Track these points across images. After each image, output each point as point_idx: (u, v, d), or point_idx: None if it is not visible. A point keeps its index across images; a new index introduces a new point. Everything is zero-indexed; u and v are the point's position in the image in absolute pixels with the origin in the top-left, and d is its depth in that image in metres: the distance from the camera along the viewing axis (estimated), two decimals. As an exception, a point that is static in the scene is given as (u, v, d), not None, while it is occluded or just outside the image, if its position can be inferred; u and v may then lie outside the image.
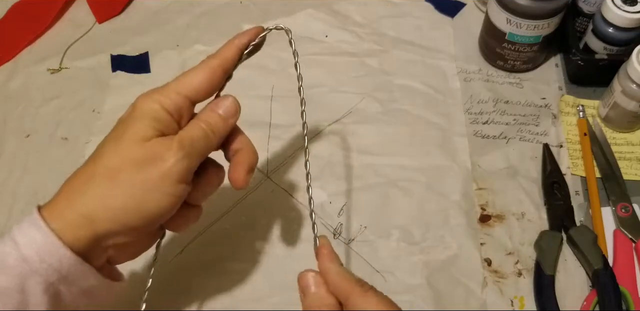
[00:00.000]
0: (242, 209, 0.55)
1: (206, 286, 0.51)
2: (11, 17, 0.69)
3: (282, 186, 0.56)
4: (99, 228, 0.35)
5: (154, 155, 0.36)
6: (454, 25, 0.67)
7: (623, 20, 0.55)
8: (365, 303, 0.35)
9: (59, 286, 0.35)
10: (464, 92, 0.62)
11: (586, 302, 0.50)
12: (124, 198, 0.35)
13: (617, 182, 0.55)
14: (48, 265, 0.34)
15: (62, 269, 0.35)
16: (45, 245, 0.34)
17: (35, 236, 0.34)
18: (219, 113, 0.40)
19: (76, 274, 0.36)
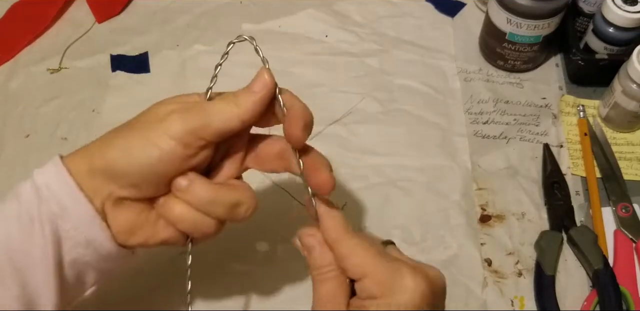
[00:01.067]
0: (242, 209, 0.55)
1: (206, 287, 0.51)
2: (11, 17, 0.69)
3: (282, 186, 0.56)
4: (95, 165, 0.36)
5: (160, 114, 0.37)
6: (454, 25, 0.67)
7: (623, 20, 0.55)
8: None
9: (60, 222, 0.36)
10: (464, 92, 0.62)
11: (586, 302, 0.50)
12: (119, 143, 0.36)
13: (618, 182, 0.55)
14: (52, 192, 0.36)
15: (63, 198, 0.36)
16: (53, 175, 0.36)
17: (48, 169, 0.37)
18: (247, 88, 0.38)
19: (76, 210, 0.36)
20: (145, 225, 0.38)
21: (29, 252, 0.35)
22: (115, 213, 0.37)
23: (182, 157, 0.36)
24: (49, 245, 0.36)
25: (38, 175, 0.37)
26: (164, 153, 0.35)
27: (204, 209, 0.37)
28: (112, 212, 0.37)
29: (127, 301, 0.50)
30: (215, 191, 0.38)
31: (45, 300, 0.36)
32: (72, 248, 0.37)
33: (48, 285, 0.36)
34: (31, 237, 0.35)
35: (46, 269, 0.36)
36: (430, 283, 0.35)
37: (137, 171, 0.36)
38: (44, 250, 0.36)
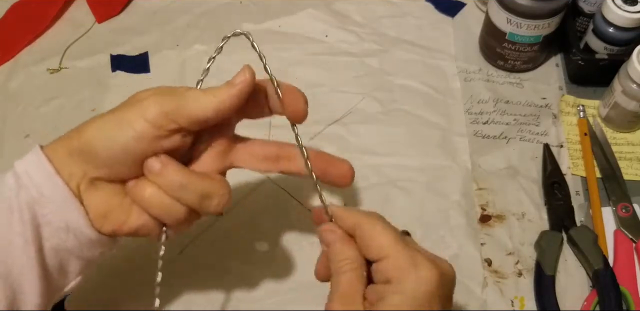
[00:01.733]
0: (242, 209, 0.55)
1: (206, 287, 0.51)
2: (11, 17, 0.69)
3: (282, 186, 0.56)
4: (72, 145, 0.37)
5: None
6: (454, 25, 0.67)
7: (623, 20, 0.55)
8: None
9: (38, 208, 0.36)
10: (464, 92, 0.62)
11: (586, 302, 0.50)
12: (96, 123, 0.37)
13: (618, 182, 0.55)
14: (31, 179, 0.37)
15: (42, 184, 0.36)
16: (32, 162, 0.37)
17: (30, 157, 0.38)
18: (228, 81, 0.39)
19: (54, 194, 0.37)
20: (118, 210, 0.39)
21: (9, 240, 0.36)
22: (89, 195, 0.38)
23: (154, 138, 0.37)
24: (28, 232, 0.36)
25: (18, 165, 0.37)
26: (136, 134, 0.36)
27: (174, 194, 0.38)
28: (86, 193, 0.38)
29: (121, 298, 0.51)
30: (188, 176, 0.38)
31: (29, 288, 0.37)
32: (53, 233, 0.37)
33: (31, 273, 0.36)
34: (10, 226, 0.36)
35: (28, 256, 0.36)
36: (444, 276, 0.36)
37: (110, 150, 0.37)
38: (25, 238, 0.36)
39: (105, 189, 0.38)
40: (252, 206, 0.55)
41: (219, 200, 0.39)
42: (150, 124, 0.36)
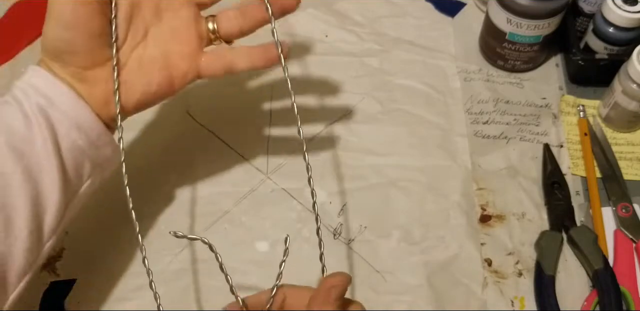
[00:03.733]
0: (242, 209, 0.55)
1: (206, 286, 0.51)
2: (11, 17, 0.69)
3: (282, 186, 0.56)
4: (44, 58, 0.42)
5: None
6: (454, 25, 0.67)
7: (623, 20, 0.55)
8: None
9: (50, 111, 0.40)
10: (464, 92, 0.62)
11: (586, 302, 0.50)
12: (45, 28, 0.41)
13: (618, 182, 0.55)
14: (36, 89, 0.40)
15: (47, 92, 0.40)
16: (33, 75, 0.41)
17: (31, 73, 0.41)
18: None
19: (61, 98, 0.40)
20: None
21: (30, 140, 0.39)
22: (85, 89, 0.41)
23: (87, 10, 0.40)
24: (45, 132, 0.39)
25: (19, 81, 0.41)
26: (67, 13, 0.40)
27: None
28: (81, 88, 0.41)
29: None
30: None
31: (50, 185, 0.39)
32: (66, 134, 0.40)
33: (52, 170, 0.39)
34: (29, 128, 0.39)
35: (47, 154, 0.39)
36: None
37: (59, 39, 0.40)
38: (43, 137, 0.39)
39: (94, 78, 0.42)
40: (252, 206, 0.55)
41: None
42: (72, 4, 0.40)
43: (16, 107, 0.40)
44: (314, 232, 0.54)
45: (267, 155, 0.58)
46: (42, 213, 0.39)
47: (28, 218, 0.38)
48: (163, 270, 0.52)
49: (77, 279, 0.51)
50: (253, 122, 0.60)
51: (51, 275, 0.52)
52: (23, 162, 0.38)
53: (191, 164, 0.57)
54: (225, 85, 0.61)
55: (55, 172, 0.39)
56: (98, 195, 0.56)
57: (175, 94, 0.45)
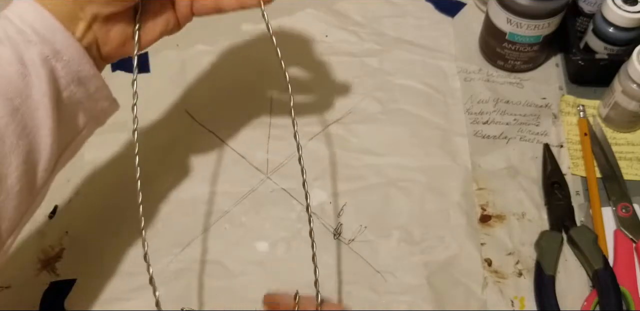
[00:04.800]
0: (242, 209, 0.55)
1: (206, 286, 0.51)
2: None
3: (282, 186, 0.56)
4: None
5: None
6: (454, 25, 0.67)
7: (623, 20, 0.55)
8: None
9: (54, 62, 0.37)
10: (464, 92, 0.62)
11: (586, 302, 0.50)
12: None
13: (618, 182, 0.55)
14: (41, 36, 0.37)
15: (55, 41, 0.37)
16: (35, 17, 0.37)
17: (25, 10, 0.37)
18: None
19: (68, 50, 0.38)
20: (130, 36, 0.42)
21: (26, 93, 0.37)
22: (107, 30, 0.40)
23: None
24: (44, 86, 0.37)
25: (15, 17, 0.37)
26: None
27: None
28: (101, 30, 0.40)
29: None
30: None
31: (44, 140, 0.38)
32: (65, 87, 0.38)
33: (47, 125, 0.38)
34: (26, 79, 0.37)
35: (44, 109, 0.37)
36: None
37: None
38: (42, 91, 0.37)
39: (120, 21, 0.41)
40: (252, 206, 0.55)
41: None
42: None
43: (11, 50, 0.36)
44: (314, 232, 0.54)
45: (267, 155, 0.58)
46: (34, 168, 0.38)
47: (20, 174, 0.37)
48: (163, 270, 0.52)
49: (77, 279, 0.51)
50: (253, 122, 0.60)
51: (51, 275, 0.52)
52: (17, 116, 0.37)
53: (191, 164, 0.57)
54: (225, 85, 0.61)
55: (50, 127, 0.38)
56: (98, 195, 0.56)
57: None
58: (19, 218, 0.38)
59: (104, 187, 0.56)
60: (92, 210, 0.55)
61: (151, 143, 0.57)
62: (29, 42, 0.37)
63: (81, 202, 0.55)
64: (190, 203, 0.55)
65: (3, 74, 0.36)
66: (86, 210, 0.55)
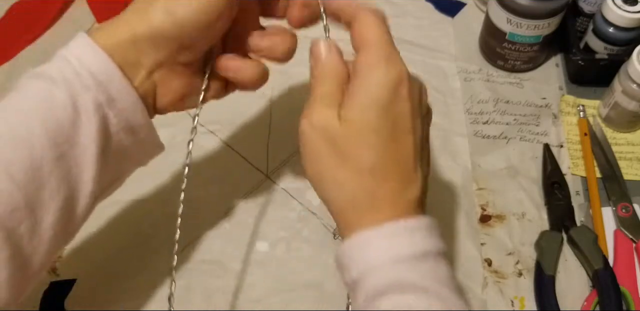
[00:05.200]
0: (242, 209, 0.55)
1: (206, 286, 0.51)
2: (11, 17, 0.69)
3: (282, 186, 0.56)
4: (138, 34, 0.36)
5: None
6: (454, 25, 0.67)
7: (623, 20, 0.55)
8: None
9: (107, 110, 0.36)
10: (464, 92, 0.62)
11: (586, 302, 0.50)
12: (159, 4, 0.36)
13: (618, 182, 0.55)
14: (98, 82, 0.35)
15: (111, 89, 0.36)
16: (94, 61, 0.35)
17: (84, 51, 0.36)
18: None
19: (123, 99, 0.36)
20: (197, 89, 0.40)
21: (74, 140, 0.35)
22: (168, 81, 0.38)
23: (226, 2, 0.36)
24: (94, 133, 0.36)
25: (73, 59, 0.36)
26: (208, 2, 0.36)
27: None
28: (163, 80, 0.38)
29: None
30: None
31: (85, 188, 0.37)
32: (115, 134, 0.37)
33: (89, 171, 0.36)
34: (76, 125, 0.35)
35: (90, 156, 0.36)
36: (414, 77, 0.37)
37: (186, 30, 0.36)
38: (90, 137, 0.36)
39: (185, 72, 0.39)
40: (252, 206, 0.55)
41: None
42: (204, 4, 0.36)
43: (66, 93, 0.35)
44: (314, 231, 0.54)
45: (267, 155, 0.58)
46: (71, 213, 0.37)
47: (55, 220, 0.36)
48: (163, 270, 0.52)
49: (77, 279, 0.51)
50: (253, 122, 0.60)
51: (51, 275, 0.52)
52: (62, 163, 0.35)
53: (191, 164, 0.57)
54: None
55: (93, 174, 0.37)
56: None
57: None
58: (49, 259, 0.37)
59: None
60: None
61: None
62: (84, 86, 0.35)
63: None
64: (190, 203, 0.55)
65: (55, 118, 0.35)
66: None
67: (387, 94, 0.35)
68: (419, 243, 0.35)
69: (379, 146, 0.35)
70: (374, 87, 0.35)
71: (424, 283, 0.34)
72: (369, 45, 0.36)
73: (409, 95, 0.36)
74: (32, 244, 0.35)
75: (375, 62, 0.36)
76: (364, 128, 0.35)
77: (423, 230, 0.36)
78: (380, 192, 0.35)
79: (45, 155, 0.35)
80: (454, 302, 0.34)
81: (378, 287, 0.34)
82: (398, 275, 0.34)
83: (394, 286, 0.33)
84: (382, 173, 0.35)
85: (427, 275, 0.34)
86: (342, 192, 0.36)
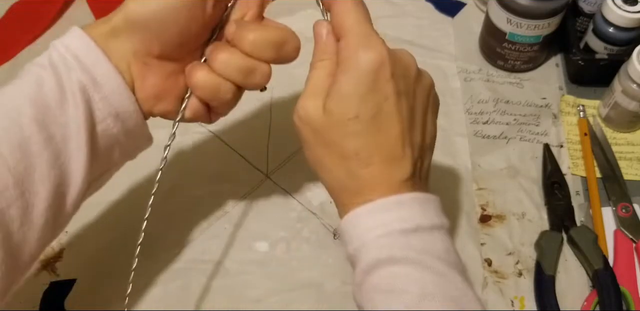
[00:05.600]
0: (242, 209, 0.55)
1: (206, 286, 0.51)
2: (11, 17, 0.69)
3: (282, 186, 0.56)
4: (116, 23, 0.37)
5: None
6: (454, 25, 0.67)
7: (623, 20, 0.55)
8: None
9: (92, 93, 0.36)
10: (464, 92, 0.62)
11: (586, 302, 0.50)
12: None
13: (618, 182, 0.55)
14: (82, 64, 0.36)
15: (95, 72, 0.36)
16: (79, 46, 0.36)
17: (72, 39, 0.37)
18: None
19: (108, 83, 0.37)
20: (172, 92, 0.40)
21: (62, 122, 0.36)
22: (143, 75, 0.38)
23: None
24: (81, 116, 0.36)
25: (61, 46, 0.37)
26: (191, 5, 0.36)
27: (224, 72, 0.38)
28: (139, 74, 0.38)
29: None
30: (263, 30, 0.39)
31: (76, 171, 0.37)
32: (102, 119, 0.37)
33: (80, 157, 0.37)
34: (63, 106, 0.36)
35: (79, 140, 0.36)
36: (395, 57, 0.37)
37: (157, 17, 0.36)
38: (77, 122, 0.36)
39: (159, 69, 0.39)
40: (252, 206, 0.55)
41: (260, 73, 0.40)
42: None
43: (52, 76, 0.36)
44: (314, 231, 0.54)
45: (267, 155, 0.58)
46: (62, 201, 0.37)
47: (47, 207, 0.36)
48: (162, 270, 0.52)
49: (77, 279, 0.51)
50: (253, 122, 0.60)
51: (51, 275, 0.52)
52: (51, 145, 0.36)
53: (191, 164, 0.57)
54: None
55: (83, 159, 0.37)
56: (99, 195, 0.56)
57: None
58: (40, 249, 0.38)
59: (105, 187, 0.56)
60: (93, 210, 0.55)
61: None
62: (69, 68, 0.36)
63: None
64: (191, 204, 0.55)
65: (43, 99, 0.35)
66: (86, 210, 0.55)
67: (366, 81, 0.36)
68: (410, 217, 0.36)
69: (360, 133, 0.36)
70: (352, 75, 0.36)
71: (416, 257, 0.35)
72: (345, 33, 0.37)
73: (391, 76, 0.36)
74: (23, 230, 0.35)
75: (353, 49, 0.36)
76: (343, 118, 0.36)
77: (416, 204, 0.37)
78: (366, 175, 0.36)
79: (33, 135, 0.35)
80: (449, 277, 0.35)
81: (370, 261, 0.35)
82: (389, 249, 0.35)
83: (385, 261, 0.35)
84: (365, 157, 0.36)
85: (419, 248, 0.35)
86: (331, 176, 0.38)
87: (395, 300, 0.34)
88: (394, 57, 0.36)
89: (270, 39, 0.39)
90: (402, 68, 0.37)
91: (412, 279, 0.34)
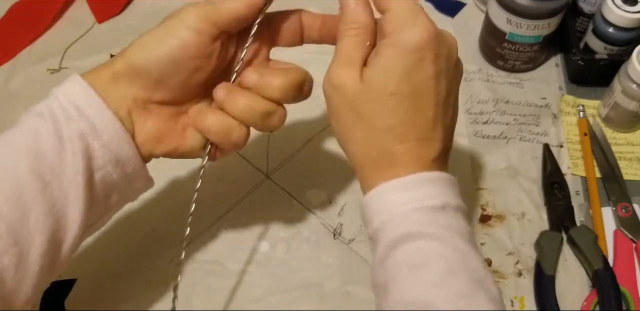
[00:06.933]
0: (242, 209, 0.55)
1: (206, 286, 0.51)
2: (11, 17, 0.69)
3: (282, 186, 0.56)
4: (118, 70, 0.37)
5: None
6: (454, 25, 0.67)
7: (623, 20, 0.55)
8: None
9: (91, 140, 0.36)
10: (464, 92, 0.62)
11: (586, 302, 0.50)
12: (137, 41, 0.38)
13: (618, 182, 0.55)
14: (82, 113, 0.36)
15: (95, 120, 0.36)
16: (79, 95, 0.37)
17: (72, 87, 0.37)
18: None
19: (108, 130, 0.37)
20: (173, 133, 0.40)
21: (59, 171, 0.36)
22: (143, 119, 0.38)
23: (198, 46, 0.37)
24: (79, 164, 0.36)
25: (61, 94, 0.37)
26: (180, 42, 0.36)
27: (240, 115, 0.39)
28: (139, 118, 0.38)
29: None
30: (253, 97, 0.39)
31: (72, 220, 0.37)
32: (102, 166, 0.37)
33: (77, 204, 0.36)
34: (60, 156, 0.36)
35: (76, 188, 0.36)
36: (441, 37, 0.36)
37: (156, 64, 0.37)
38: (75, 169, 0.36)
39: (159, 112, 0.39)
40: (252, 206, 0.55)
41: (279, 116, 0.40)
42: (192, 30, 0.36)
43: (51, 126, 0.36)
44: (314, 231, 0.54)
45: (267, 155, 0.58)
46: (59, 247, 0.37)
47: (42, 253, 0.35)
48: (163, 270, 0.52)
49: (77, 279, 0.51)
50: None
51: (51, 275, 0.52)
52: (47, 193, 0.35)
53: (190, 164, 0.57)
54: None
55: (80, 207, 0.36)
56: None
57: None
58: (37, 294, 0.37)
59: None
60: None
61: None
62: (68, 118, 0.36)
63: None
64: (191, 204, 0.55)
65: (39, 149, 0.35)
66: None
67: (412, 58, 0.35)
68: (439, 194, 0.36)
69: (397, 109, 0.36)
70: (398, 50, 0.35)
71: (443, 233, 0.35)
72: (392, 6, 0.36)
73: (434, 58, 0.36)
74: (17, 278, 0.35)
75: (400, 24, 0.36)
76: (383, 92, 0.36)
77: (444, 184, 0.37)
78: (397, 151, 0.36)
79: (28, 183, 0.35)
80: (471, 255, 0.35)
81: (398, 235, 0.35)
82: (419, 224, 0.35)
83: (414, 235, 0.35)
84: (399, 133, 0.36)
85: (446, 226, 0.35)
86: (358, 149, 0.38)
87: (421, 275, 0.34)
88: (440, 38, 0.36)
89: (294, 82, 0.39)
90: (447, 49, 0.37)
91: (438, 254, 0.35)
